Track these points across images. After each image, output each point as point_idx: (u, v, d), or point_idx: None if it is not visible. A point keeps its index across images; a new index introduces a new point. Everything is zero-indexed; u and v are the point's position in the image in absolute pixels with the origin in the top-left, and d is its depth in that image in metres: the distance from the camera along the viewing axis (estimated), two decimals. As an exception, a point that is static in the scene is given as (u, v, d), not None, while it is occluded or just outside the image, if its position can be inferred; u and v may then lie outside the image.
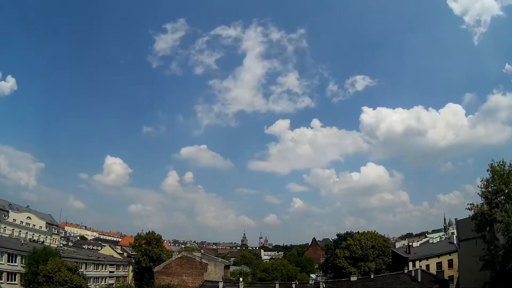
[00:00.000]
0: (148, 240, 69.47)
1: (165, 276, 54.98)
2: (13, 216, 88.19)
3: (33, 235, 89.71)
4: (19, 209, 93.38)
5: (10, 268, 56.35)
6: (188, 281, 53.87)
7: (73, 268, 51.83)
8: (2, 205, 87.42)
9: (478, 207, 35.67)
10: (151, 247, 67.98)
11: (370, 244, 64.36)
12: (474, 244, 40.85)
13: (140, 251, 68.19)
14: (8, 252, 56.66)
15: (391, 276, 51.19)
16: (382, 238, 68.61)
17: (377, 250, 64.22)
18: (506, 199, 33.98)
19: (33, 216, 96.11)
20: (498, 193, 34.24)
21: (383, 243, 66.30)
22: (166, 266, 56.22)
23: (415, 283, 45.69)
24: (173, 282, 53.63)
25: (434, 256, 63.72)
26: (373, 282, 48.46)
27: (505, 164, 34.25)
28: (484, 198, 35.47)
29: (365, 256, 63.44)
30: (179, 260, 55.88)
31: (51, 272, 47.51)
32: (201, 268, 54.54)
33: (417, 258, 63.26)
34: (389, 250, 66.83)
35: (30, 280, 51.49)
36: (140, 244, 69.70)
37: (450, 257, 61.95)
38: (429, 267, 60.59)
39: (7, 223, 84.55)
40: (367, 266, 61.78)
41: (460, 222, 50.74)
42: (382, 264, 63.11)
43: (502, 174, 33.80)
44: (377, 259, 63.45)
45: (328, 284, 49.58)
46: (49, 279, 47.24)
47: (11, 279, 56.29)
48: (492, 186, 34.70)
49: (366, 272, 58.61)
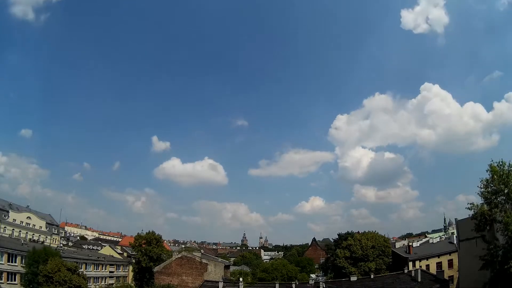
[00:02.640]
0: (148, 240, 69.37)
1: (165, 276, 54.95)
2: (13, 216, 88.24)
3: (33, 235, 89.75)
4: (19, 209, 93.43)
5: (10, 268, 56.28)
6: (188, 281, 53.83)
7: (73, 268, 51.86)
8: (2, 205, 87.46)
9: (478, 207, 35.69)
10: (151, 247, 67.88)
11: (370, 244, 64.37)
12: (474, 244, 40.84)
13: (140, 251, 68.09)
14: (8, 252, 56.57)
15: (391, 276, 51.17)
16: (382, 238, 68.61)
17: (377, 250, 64.22)
18: (505, 199, 33.98)
19: (33, 216, 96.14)
20: (498, 193, 34.25)
21: (383, 243, 66.30)
22: (166, 266, 56.19)
23: (415, 283, 45.68)
24: (173, 282, 53.59)
25: (434, 256, 63.76)
26: (373, 282, 48.42)
27: (505, 164, 34.25)
28: (483, 198, 35.48)
29: (365, 256, 63.45)
30: (179, 260, 55.84)
31: (51, 272, 47.54)
32: (201, 268, 54.52)
33: (417, 258, 63.30)
34: (389, 250, 66.82)
35: (30, 280, 51.46)
36: (140, 244, 69.58)
37: (450, 257, 61.99)
38: (429, 267, 60.62)
39: (7, 223, 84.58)
40: (367, 266, 61.79)
41: (460, 222, 50.73)
42: (382, 264, 63.12)
43: (502, 174, 33.82)
44: (377, 259, 63.46)
45: (328, 284, 49.56)
46: (49, 279, 47.27)
47: (11, 279, 56.23)
48: (491, 186, 34.72)
49: (366, 272, 58.64)
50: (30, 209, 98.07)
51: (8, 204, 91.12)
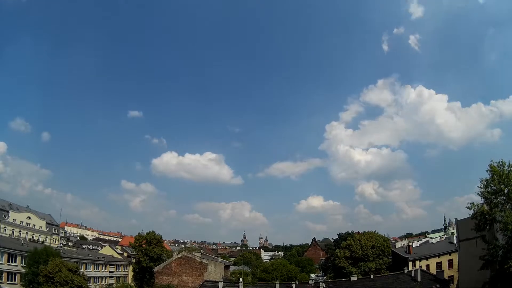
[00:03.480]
0: (148, 240, 69.49)
1: (165, 276, 54.98)
2: (13, 216, 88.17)
3: (33, 235, 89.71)
4: (19, 209, 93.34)
5: (10, 268, 56.27)
6: (188, 281, 53.86)
7: (74, 268, 51.87)
8: (2, 205, 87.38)
9: (478, 206, 35.71)
10: (151, 247, 68.01)
11: (370, 244, 64.40)
12: (474, 244, 40.88)
13: (140, 251, 68.21)
14: (8, 252, 56.57)
15: (391, 276, 51.19)
16: (382, 238, 68.67)
17: (377, 250, 64.26)
18: (505, 199, 33.99)
19: (33, 216, 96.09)
20: (498, 193, 34.26)
21: (383, 243, 66.35)
22: (166, 266, 56.21)
23: (415, 283, 45.65)
24: (173, 282, 53.63)
25: (434, 256, 63.80)
26: (373, 282, 48.46)
27: (504, 164, 34.24)
28: (483, 198, 35.50)
29: (365, 256, 63.48)
30: (179, 260, 55.87)
31: (51, 272, 47.55)
32: (201, 268, 54.54)
33: (417, 258, 63.32)
34: (389, 250, 66.86)
35: (31, 280, 51.47)
36: (140, 244, 69.71)
37: (450, 257, 62.04)
38: (429, 267, 60.65)
39: (7, 223, 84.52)
40: (367, 266, 61.84)
41: (460, 222, 50.77)
42: (382, 264, 63.16)
43: (502, 174, 33.82)
44: (377, 259, 63.49)
45: (328, 284, 49.58)
46: (50, 279, 47.27)
47: (11, 279, 56.21)
48: (491, 186, 34.71)
49: (366, 272, 58.68)
50: (30, 209, 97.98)
51: (8, 204, 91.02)
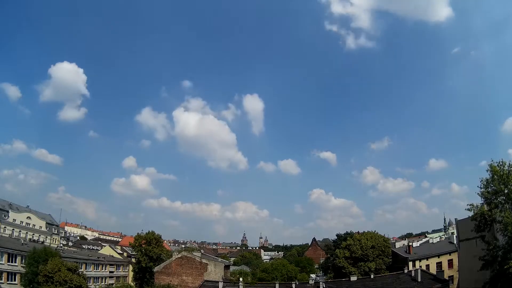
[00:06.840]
0: (148, 240, 69.43)
1: (165, 276, 54.93)
2: (13, 216, 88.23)
3: (33, 235, 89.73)
4: (19, 209, 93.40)
5: (10, 268, 56.32)
6: (188, 281, 53.82)
7: (73, 268, 51.86)
8: (2, 205, 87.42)
9: (478, 207, 35.69)
10: (151, 247, 67.95)
11: (370, 244, 64.30)
12: (474, 244, 40.91)
13: (140, 251, 68.16)
14: (8, 252, 56.62)
15: (391, 276, 51.17)
16: (382, 238, 68.53)
17: (377, 250, 64.14)
18: (505, 199, 33.98)
19: (33, 216, 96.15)
20: (498, 193, 34.24)
21: (383, 243, 66.22)
22: (166, 266, 56.18)
23: (415, 283, 45.66)
24: (173, 282, 53.58)
25: (434, 256, 63.83)
26: (373, 282, 48.44)
27: (505, 164, 34.23)
28: (483, 198, 35.48)
29: (365, 256, 63.38)
30: (179, 260, 55.83)
31: (51, 272, 47.54)
32: (201, 268, 54.51)
33: (417, 258, 63.34)
34: (389, 250, 66.76)
35: (30, 280, 51.40)
36: (140, 244, 69.65)
37: (450, 257, 62.09)
38: (429, 267, 60.67)
39: (7, 223, 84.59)
40: (367, 266, 61.73)
41: (460, 222, 50.80)
42: (382, 264, 63.05)
43: (502, 175, 33.79)
44: (377, 259, 63.39)
45: (328, 284, 49.55)
46: (49, 279, 47.27)
47: (11, 279, 56.26)
48: (491, 187, 34.71)
49: (366, 272, 58.61)
50: (30, 209, 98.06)
51: (8, 204, 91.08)
